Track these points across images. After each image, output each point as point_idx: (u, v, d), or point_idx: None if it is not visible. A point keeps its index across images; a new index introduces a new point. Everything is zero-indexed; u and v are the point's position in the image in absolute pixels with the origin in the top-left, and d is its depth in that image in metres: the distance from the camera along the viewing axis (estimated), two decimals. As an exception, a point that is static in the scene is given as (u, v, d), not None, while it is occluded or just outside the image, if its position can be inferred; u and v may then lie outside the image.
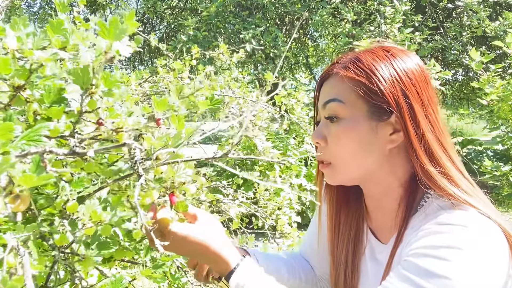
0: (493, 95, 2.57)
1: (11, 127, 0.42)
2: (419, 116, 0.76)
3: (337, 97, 0.80)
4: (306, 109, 3.06)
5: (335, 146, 0.80)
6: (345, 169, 0.82)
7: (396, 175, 0.81)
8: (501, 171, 2.69)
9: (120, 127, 0.53)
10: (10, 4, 5.00)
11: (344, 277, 0.90)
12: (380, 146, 0.78)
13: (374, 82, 0.76)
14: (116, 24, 0.52)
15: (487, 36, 5.30)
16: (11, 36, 0.51)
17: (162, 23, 7.59)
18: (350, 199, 0.93)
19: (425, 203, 0.78)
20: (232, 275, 0.74)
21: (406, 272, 0.68)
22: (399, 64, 0.79)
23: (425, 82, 0.80)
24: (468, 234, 0.67)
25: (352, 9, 5.25)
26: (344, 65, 0.81)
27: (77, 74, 0.51)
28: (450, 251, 0.66)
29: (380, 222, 0.87)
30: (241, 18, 5.50)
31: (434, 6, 5.95)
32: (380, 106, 0.77)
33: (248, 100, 1.68)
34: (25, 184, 0.43)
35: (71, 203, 0.54)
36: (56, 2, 0.61)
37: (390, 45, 0.85)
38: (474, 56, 2.53)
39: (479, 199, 0.74)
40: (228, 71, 2.29)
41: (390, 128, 0.78)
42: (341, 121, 0.79)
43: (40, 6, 8.55)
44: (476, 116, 3.32)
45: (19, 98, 0.52)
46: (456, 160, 0.79)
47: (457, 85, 7.85)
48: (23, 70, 0.51)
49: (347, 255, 0.91)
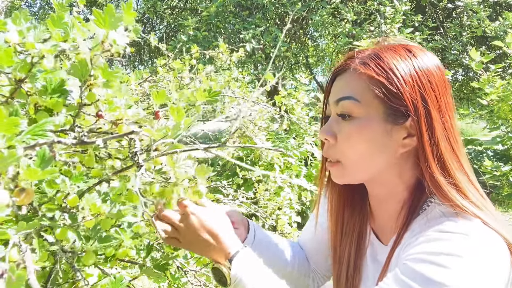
0: (493, 95, 2.57)
1: (17, 121, 0.43)
2: (435, 123, 0.73)
3: (353, 95, 0.76)
4: (306, 109, 3.06)
5: (346, 145, 0.77)
6: (354, 169, 0.79)
7: (402, 179, 0.79)
8: (501, 171, 2.69)
9: (119, 119, 0.53)
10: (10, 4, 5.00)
11: (346, 277, 0.90)
12: (392, 149, 0.76)
13: (394, 84, 0.73)
14: (111, 12, 0.51)
15: (487, 36, 5.29)
16: (13, 30, 0.52)
17: (162, 23, 7.58)
18: (355, 198, 0.91)
19: (427, 207, 0.76)
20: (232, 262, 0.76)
21: (404, 277, 0.67)
22: (420, 65, 0.75)
23: (444, 87, 0.76)
24: (469, 243, 0.65)
25: (352, 9, 5.25)
26: (363, 61, 0.76)
27: (75, 67, 0.51)
28: (450, 258, 0.64)
29: (382, 223, 0.86)
30: (241, 18, 5.50)
31: (434, 6, 5.95)
32: (398, 109, 0.73)
33: (247, 100, 1.68)
34: (30, 178, 0.43)
35: (72, 197, 0.54)
36: (54, 3, 0.61)
37: (410, 43, 0.81)
38: (474, 56, 2.52)
39: (487, 212, 0.72)
40: (228, 71, 2.28)
41: (404, 132, 0.75)
42: (354, 120, 0.76)
43: (40, 6, 8.55)
44: (476, 116, 3.32)
45: (21, 91, 0.53)
46: (469, 170, 0.77)
47: (457, 85, 7.84)
48: (24, 63, 0.51)
49: (350, 256, 0.90)
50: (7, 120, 0.42)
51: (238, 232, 0.92)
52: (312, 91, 5.70)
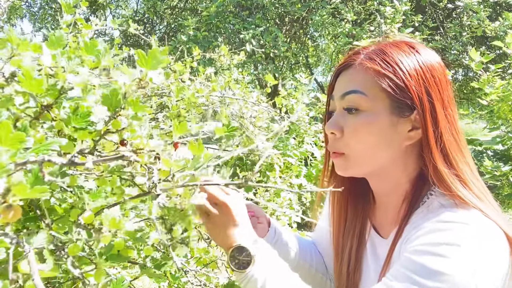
0: (493, 95, 2.57)
1: (22, 137, 0.42)
2: (439, 116, 0.75)
3: (359, 89, 0.77)
4: (306, 109, 3.06)
5: (352, 138, 0.78)
6: (360, 161, 0.80)
7: (406, 172, 0.80)
8: (501, 171, 2.68)
9: (140, 148, 0.53)
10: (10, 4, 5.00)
11: (347, 272, 0.90)
12: (398, 142, 0.77)
13: (400, 77, 0.75)
14: (155, 56, 0.53)
15: (487, 36, 5.29)
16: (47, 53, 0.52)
17: (162, 23, 7.58)
18: (359, 193, 0.92)
19: (427, 200, 0.77)
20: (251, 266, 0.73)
21: (405, 270, 0.68)
22: (424, 60, 0.77)
23: (446, 82, 0.79)
24: (468, 232, 0.67)
25: (352, 9, 5.25)
26: (369, 56, 0.78)
27: (107, 97, 0.51)
28: (449, 248, 0.65)
29: (383, 216, 0.87)
30: (241, 18, 5.49)
31: (434, 6, 5.95)
32: (403, 101, 0.75)
33: (248, 101, 1.68)
34: (19, 194, 0.42)
35: (88, 214, 0.54)
36: (62, 3, 0.62)
37: (412, 40, 0.83)
38: (474, 56, 2.52)
39: (489, 204, 0.73)
40: (228, 72, 2.28)
41: (410, 125, 0.77)
42: (361, 114, 0.77)
43: (40, 6, 8.54)
44: (476, 116, 3.32)
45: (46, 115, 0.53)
46: (471, 162, 0.78)
47: (457, 85, 7.84)
48: (53, 89, 0.52)
49: (351, 250, 0.90)
50: (13, 135, 0.42)
51: (261, 226, 0.94)
52: (312, 91, 5.71)
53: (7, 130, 0.41)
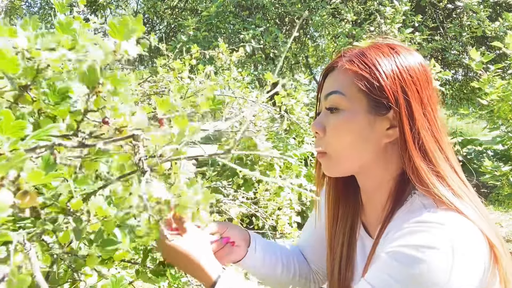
0: (493, 95, 2.57)
1: (23, 125, 0.43)
2: (416, 114, 0.77)
3: (339, 90, 0.81)
4: (305, 109, 3.06)
5: (333, 136, 0.82)
6: (340, 159, 0.83)
7: (389, 170, 0.82)
8: (501, 171, 2.68)
9: (123, 126, 0.53)
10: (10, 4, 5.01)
11: (339, 269, 0.92)
12: (376, 140, 0.80)
13: (375, 77, 0.78)
14: (126, 24, 0.52)
15: (487, 37, 5.29)
16: (22, 35, 0.52)
17: (162, 23, 7.59)
18: (349, 192, 0.94)
19: (410, 198, 0.79)
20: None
21: (381, 273, 0.69)
22: (402, 61, 0.80)
23: (426, 82, 0.81)
24: (444, 233, 0.67)
25: (352, 9, 5.25)
26: (349, 58, 0.82)
27: (83, 74, 0.51)
28: (425, 250, 0.66)
29: (372, 215, 0.89)
30: (241, 18, 5.50)
31: (434, 6, 5.95)
32: (380, 101, 0.78)
33: (248, 100, 1.68)
34: (34, 180, 0.43)
35: (76, 200, 0.54)
36: (55, 3, 0.61)
37: (396, 42, 0.87)
38: (474, 56, 2.52)
39: (468, 201, 0.74)
40: (228, 71, 2.29)
41: (387, 123, 0.79)
42: (340, 113, 0.81)
43: (40, 6, 8.54)
44: (476, 116, 3.31)
45: (25, 97, 0.53)
46: (453, 159, 0.80)
47: (457, 85, 7.84)
48: (30, 69, 0.52)
49: (342, 248, 0.92)
50: (13, 123, 0.42)
51: (238, 250, 0.98)
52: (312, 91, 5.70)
53: (7, 119, 0.41)
